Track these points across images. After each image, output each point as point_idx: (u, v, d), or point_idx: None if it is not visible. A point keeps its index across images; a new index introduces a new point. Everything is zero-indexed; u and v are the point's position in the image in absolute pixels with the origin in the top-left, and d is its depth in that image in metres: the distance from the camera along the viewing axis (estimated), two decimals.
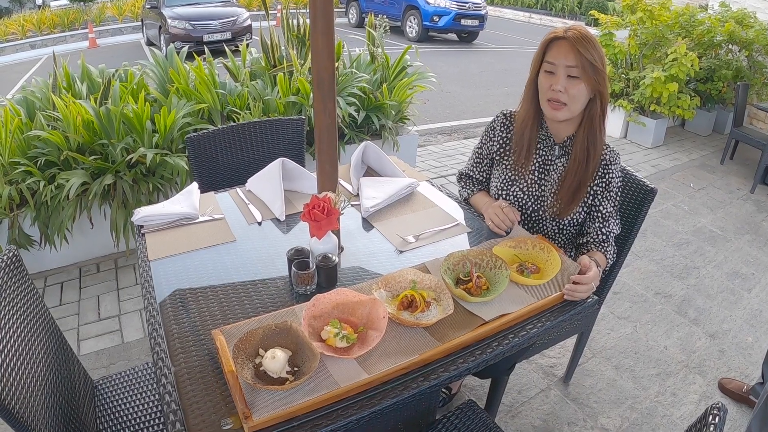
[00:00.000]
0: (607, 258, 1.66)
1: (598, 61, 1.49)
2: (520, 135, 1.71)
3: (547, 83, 1.55)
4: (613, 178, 1.65)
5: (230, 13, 10.15)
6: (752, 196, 4.47)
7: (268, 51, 3.80)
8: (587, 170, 1.62)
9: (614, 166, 1.65)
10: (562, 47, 1.51)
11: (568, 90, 1.52)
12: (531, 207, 1.74)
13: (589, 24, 13.99)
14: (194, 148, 2.18)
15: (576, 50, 1.48)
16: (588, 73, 1.49)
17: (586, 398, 2.25)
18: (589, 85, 1.51)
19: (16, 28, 12.71)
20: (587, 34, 1.50)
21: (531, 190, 1.73)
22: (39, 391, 1.18)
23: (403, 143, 4.05)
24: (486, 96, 7.56)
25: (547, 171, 1.71)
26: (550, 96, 1.55)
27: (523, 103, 1.70)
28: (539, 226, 1.77)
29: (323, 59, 1.36)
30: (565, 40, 1.50)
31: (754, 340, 2.67)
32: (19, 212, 2.77)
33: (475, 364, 1.18)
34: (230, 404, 1.04)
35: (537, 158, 1.71)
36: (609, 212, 1.67)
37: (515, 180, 1.75)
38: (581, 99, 1.54)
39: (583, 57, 1.47)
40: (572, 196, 1.65)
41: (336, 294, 1.27)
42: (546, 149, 1.70)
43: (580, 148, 1.61)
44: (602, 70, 1.50)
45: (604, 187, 1.66)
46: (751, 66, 5.64)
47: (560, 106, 1.55)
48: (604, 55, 1.53)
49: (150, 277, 1.42)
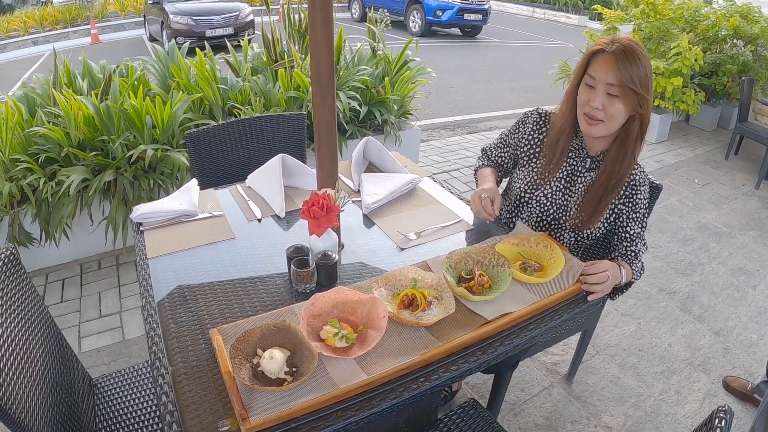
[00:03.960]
0: (634, 271, 1.60)
1: (640, 83, 1.41)
2: (555, 142, 1.65)
3: (586, 97, 1.49)
4: (640, 199, 1.60)
5: (232, 8, 10.13)
6: (757, 191, 4.43)
7: (270, 46, 3.78)
8: (614, 187, 1.57)
9: (643, 188, 1.60)
10: (605, 62, 1.43)
11: (605, 108, 1.45)
12: (552, 214, 1.70)
13: (592, 18, 13.94)
14: (194, 144, 2.16)
15: (618, 68, 1.40)
16: (627, 94, 1.42)
17: (590, 396, 2.24)
18: (628, 105, 1.45)
19: (19, 25, 12.69)
20: (633, 50, 1.41)
21: (555, 198, 1.68)
22: (37, 390, 1.17)
23: (406, 138, 4.03)
24: (489, 91, 7.52)
25: (574, 181, 1.66)
26: (587, 111, 1.49)
27: (561, 109, 1.64)
28: (557, 234, 1.73)
29: (322, 53, 1.34)
30: (609, 54, 1.42)
31: (759, 337, 2.64)
32: (19, 209, 2.76)
33: (477, 365, 1.17)
34: (227, 405, 1.02)
35: (566, 167, 1.66)
36: (636, 233, 1.61)
37: (540, 185, 1.70)
38: (619, 118, 1.47)
39: (624, 75, 1.40)
40: (594, 210, 1.60)
41: (335, 293, 1.25)
42: (577, 160, 1.65)
43: (611, 164, 1.56)
44: (644, 93, 1.42)
45: (631, 208, 1.60)
46: (757, 61, 5.59)
47: (596, 122, 1.49)
48: (649, 70, 1.44)
49: (148, 275, 1.41)
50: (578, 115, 1.55)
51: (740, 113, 4.73)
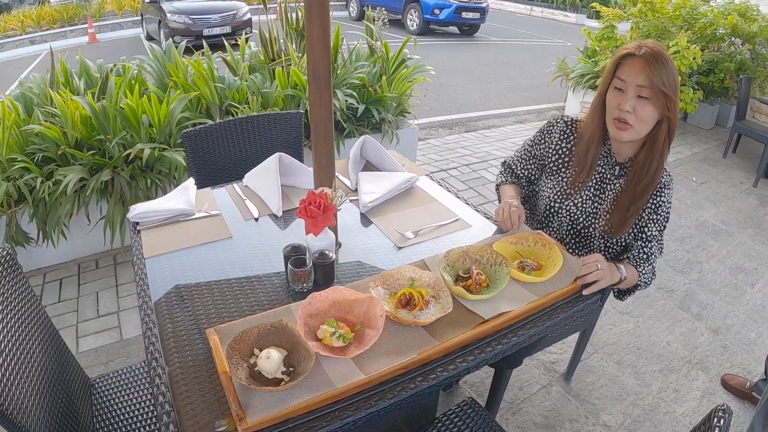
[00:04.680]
0: (640, 275, 1.59)
1: (669, 86, 1.42)
2: (585, 152, 1.64)
3: (616, 101, 1.49)
4: (663, 202, 1.60)
5: (230, 6, 10.11)
6: (755, 189, 4.44)
7: (267, 45, 3.77)
8: (642, 193, 1.56)
9: (667, 191, 1.59)
10: (635, 65, 1.43)
11: (636, 111, 1.45)
12: (582, 223, 1.70)
13: (590, 16, 13.94)
14: (191, 143, 2.15)
15: (648, 70, 1.41)
16: (658, 97, 1.42)
17: (588, 395, 2.24)
18: (658, 108, 1.44)
19: (16, 24, 12.64)
20: (662, 53, 1.42)
21: (585, 207, 1.68)
22: (34, 391, 1.16)
23: (404, 137, 4.02)
24: (487, 89, 7.52)
25: (603, 189, 1.65)
26: (617, 115, 1.49)
27: (590, 117, 1.62)
28: (587, 242, 1.73)
29: (319, 51, 1.33)
30: (639, 58, 1.43)
31: (757, 335, 2.65)
32: (17, 209, 2.75)
33: (475, 364, 1.16)
34: (224, 405, 1.02)
35: (596, 174, 1.66)
36: (653, 234, 1.61)
37: (570, 194, 1.69)
38: (649, 121, 1.47)
39: (655, 78, 1.40)
40: (624, 217, 1.60)
41: (332, 292, 1.25)
42: (606, 167, 1.64)
43: (640, 170, 1.55)
44: (672, 96, 1.43)
45: (653, 210, 1.60)
46: (754, 59, 5.59)
47: (626, 126, 1.48)
48: (677, 75, 1.45)
49: (145, 274, 1.40)
50: (607, 121, 1.54)
51: (738, 111, 4.74)
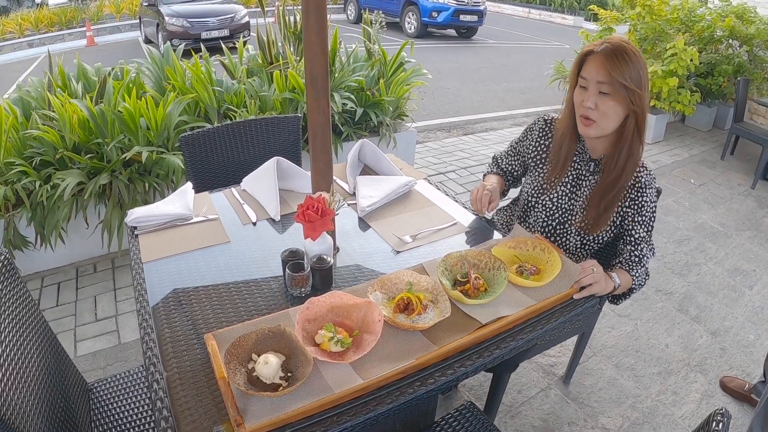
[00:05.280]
0: (633, 278, 1.58)
1: (630, 80, 1.42)
2: (558, 148, 1.68)
3: (580, 99, 1.51)
4: (646, 202, 1.59)
5: (228, 10, 10.12)
6: (753, 191, 4.44)
7: (265, 48, 3.78)
8: (616, 189, 1.57)
9: (649, 190, 1.59)
10: (595, 62, 1.45)
11: (598, 107, 1.47)
12: (558, 218, 1.72)
13: (588, 19, 13.97)
14: (189, 147, 2.15)
15: (607, 66, 1.42)
16: (619, 91, 1.43)
17: (587, 398, 2.24)
18: (621, 102, 1.46)
19: (14, 27, 12.66)
20: (623, 48, 1.43)
21: (561, 202, 1.70)
22: (32, 396, 1.16)
23: (402, 140, 4.02)
24: (485, 92, 7.53)
25: (579, 185, 1.67)
26: (582, 112, 1.52)
27: (562, 116, 1.67)
28: (563, 239, 1.74)
29: (316, 55, 1.34)
30: (599, 54, 1.45)
31: (756, 337, 2.65)
32: (15, 213, 2.75)
33: (473, 368, 1.16)
34: (222, 410, 1.02)
35: (572, 171, 1.68)
36: (641, 237, 1.61)
37: (547, 189, 1.72)
38: (613, 117, 1.48)
39: (615, 73, 1.42)
40: (599, 214, 1.61)
41: (330, 297, 1.25)
42: (581, 163, 1.67)
43: (612, 166, 1.57)
44: (636, 89, 1.43)
45: (637, 210, 1.60)
46: (752, 61, 5.60)
47: (590, 122, 1.51)
48: (643, 69, 1.45)
49: (143, 279, 1.40)
50: (576, 118, 1.57)
51: (736, 113, 4.75)
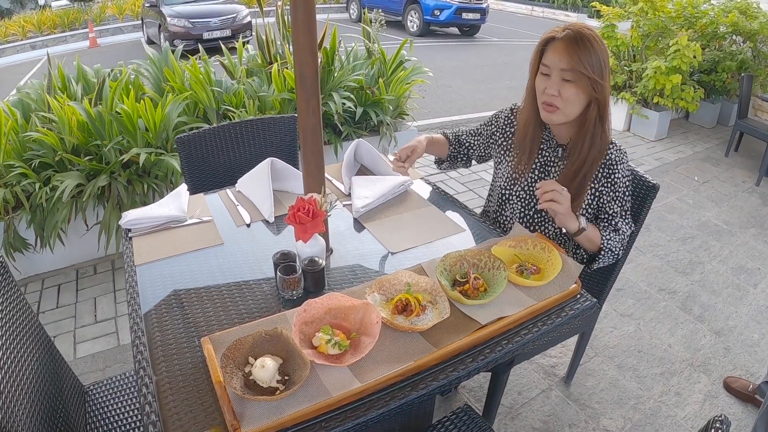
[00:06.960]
0: (603, 237, 1.58)
1: (592, 69, 1.42)
2: (523, 136, 1.68)
3: (542, 86, 1.51)
4: (618, 178, 1.59)
5: (230, 10, 10.11)
6: (758, 188, 4.40)
7: (264, 47, 3.76)
8: (583, 172, 1.57)
9: (621, 166, 1.59)
10: (556, 49, 1.45)
11: (561, 93, 1.47)
12: (534, 207, 1.71)
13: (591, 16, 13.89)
14: (185, 148, 2.14)
15: (569, 54, 1.42)
16: (581, 79, 1.44)
17: (588, 399, 2.21)
18: (583, 90, 1.46)
19: (17, 29, 12.70)
20: (585, 35, 1.42)
21: (532, 189, 1.70)
22: (26, 400, 1.15)
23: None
24: (487, 90, 7.49)
25: (548, 171, 1.67)
26: (544, 99, 1.52)
27: (524, 104, 1.66)
28: (542, 227, 1.74)
29: (305, 55, 1.32)
30: (561, 41, 1.44)
31: (760, 337, 2.62)
32: (14, 215, 2.74)
33: (473, 370, 1.15)
34: (210, 416, 1.00)
35: (540, 158, 1.68)
36: (615, 211, 1.61)
37: (517, 179, 1.72)
38: (576, 103, 1.48)
39: (574, 60, 1.41)
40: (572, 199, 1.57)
41: (328, 299, 1.23)
42: (549, 150, 1.67)
43: (578, 151, 1.56)
44: (597, 78, 1.43)
45: (610, 188, 1.60)
46: (756, 57, 5.55)
47: (554, 109, 1.51)
48: (604, 56, 1.45)
49: (135, 282, 1.39)
50: (539, 105, 1.56)
51: (740, 110, 4.70)
